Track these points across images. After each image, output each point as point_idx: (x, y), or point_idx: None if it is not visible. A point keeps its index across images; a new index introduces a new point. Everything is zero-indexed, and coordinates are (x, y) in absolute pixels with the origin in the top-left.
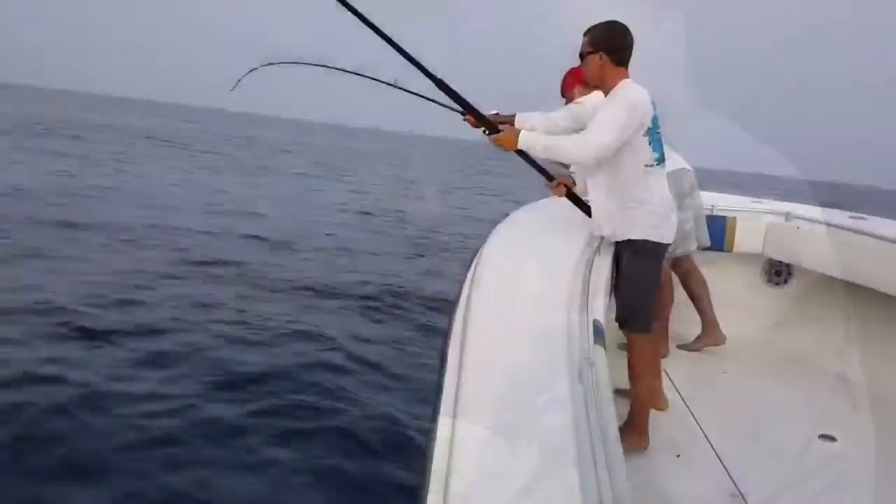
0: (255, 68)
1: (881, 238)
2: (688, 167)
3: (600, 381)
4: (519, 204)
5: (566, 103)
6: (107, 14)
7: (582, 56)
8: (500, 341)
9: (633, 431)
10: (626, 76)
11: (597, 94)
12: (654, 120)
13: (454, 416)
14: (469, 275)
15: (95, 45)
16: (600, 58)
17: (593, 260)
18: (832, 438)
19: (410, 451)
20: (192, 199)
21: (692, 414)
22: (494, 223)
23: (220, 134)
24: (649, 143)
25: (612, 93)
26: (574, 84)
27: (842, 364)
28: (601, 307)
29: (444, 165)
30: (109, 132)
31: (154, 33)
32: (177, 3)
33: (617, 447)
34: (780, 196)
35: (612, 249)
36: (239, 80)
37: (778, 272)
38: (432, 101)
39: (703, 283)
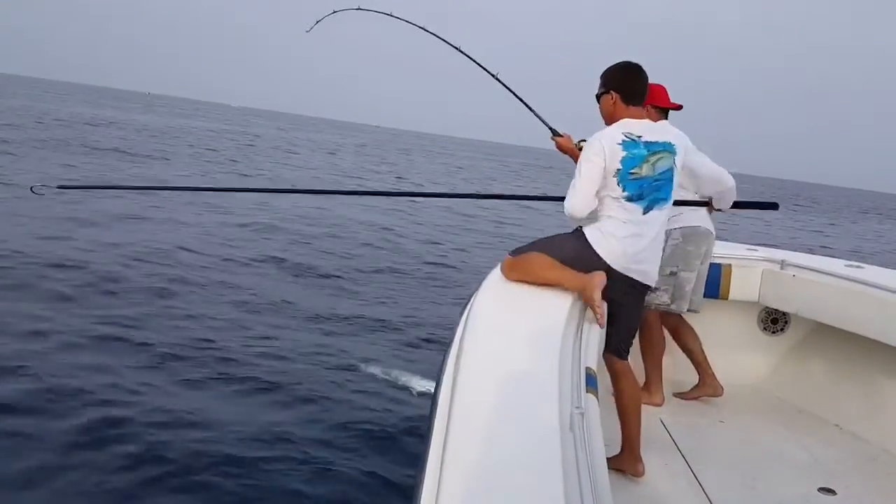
0: (336, 11)
1: (877, 287)
2: (711, 230)
3: (591, 430)
4: None
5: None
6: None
7: (598, 97)
8: (491, 390)
9: (627, 460)
10: (639, 115)
11: (662, 125)
12: (628, 161)
13: (441, 464)
14: (462, 320)
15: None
16: (612, 97)
17: (587, 307)
18: (832, 491)
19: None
20: None
21: (688, 464)
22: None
23: None
24: (618, 184)
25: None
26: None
27: (841, 415)
28: (594, 355)
29: None
30: None
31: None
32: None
33: (607, 498)
34: None
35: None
36: (318, 21)
37: (774, 320)
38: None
39: (694, 335)
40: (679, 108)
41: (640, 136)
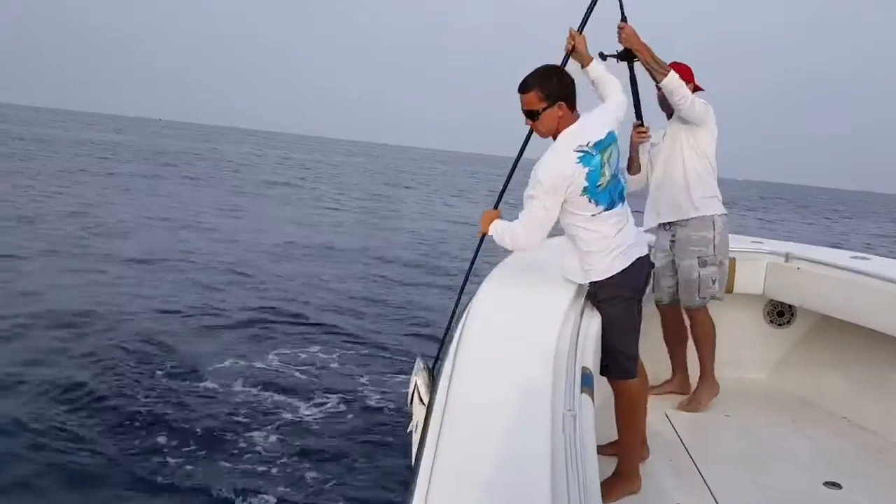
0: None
1: (883, 279)
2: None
3: (584, 432)
4: None
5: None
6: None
7: (535, 113)
8: (484, 391)
9: (622, 479)
10: (575, 119)
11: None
12: (593, 175)
13: (432, 466)
14: (461, 323)
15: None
16: (559, 108)
17: (584, 306)
18: (837, 485)
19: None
20: None
21: (692, 459)
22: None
23: None
24: (589, 200)
25: (542, 160)
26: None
27: (847, 407)
28: (591, 355)
29: None
30: None
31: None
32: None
33: (596, 499)
34: None
35: None
36: None
37: (781, 313)
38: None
39: (710, 334)
40: (701, 90)
41: (587, 143)
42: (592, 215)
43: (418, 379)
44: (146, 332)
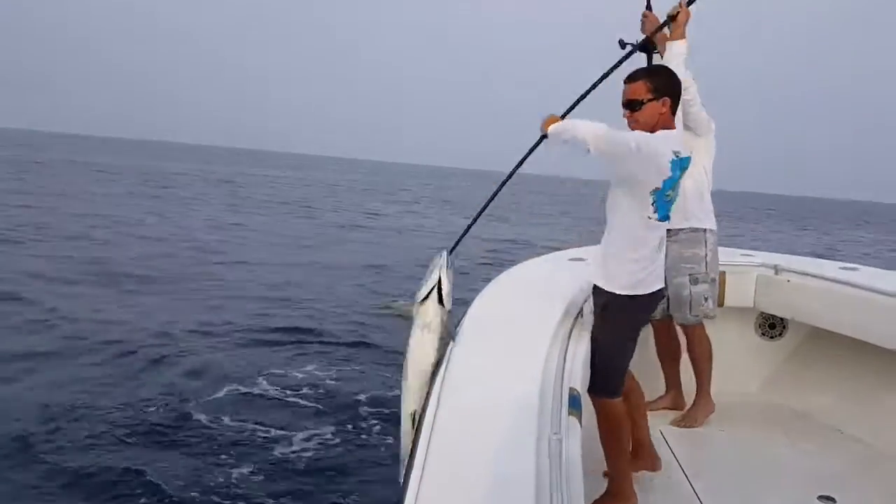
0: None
1: (870, 290)
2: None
3: (570, 456)
4: None
5: None
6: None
7: (637, 103)
8: (473, 414)
9: (616, 499)
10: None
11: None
12: (669, 183)
13: (417, 492)
14: (451, 343)
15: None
16: (663, 104)
17: (573, 327)
18: (831, 500)
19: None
20: None
21: (686, 474)
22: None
23: None
24: (652, 203)
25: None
26: None
27: (840, 419)
28: (580, 374)
29: None
30: None
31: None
32: None
33: None
34: None
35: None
36: None
37: (772, 325)
38: None
39: (707, 351)
40: None
41: (678, 153)
42: (648, 217)
43: (443, 275)
44: (142, 355)
